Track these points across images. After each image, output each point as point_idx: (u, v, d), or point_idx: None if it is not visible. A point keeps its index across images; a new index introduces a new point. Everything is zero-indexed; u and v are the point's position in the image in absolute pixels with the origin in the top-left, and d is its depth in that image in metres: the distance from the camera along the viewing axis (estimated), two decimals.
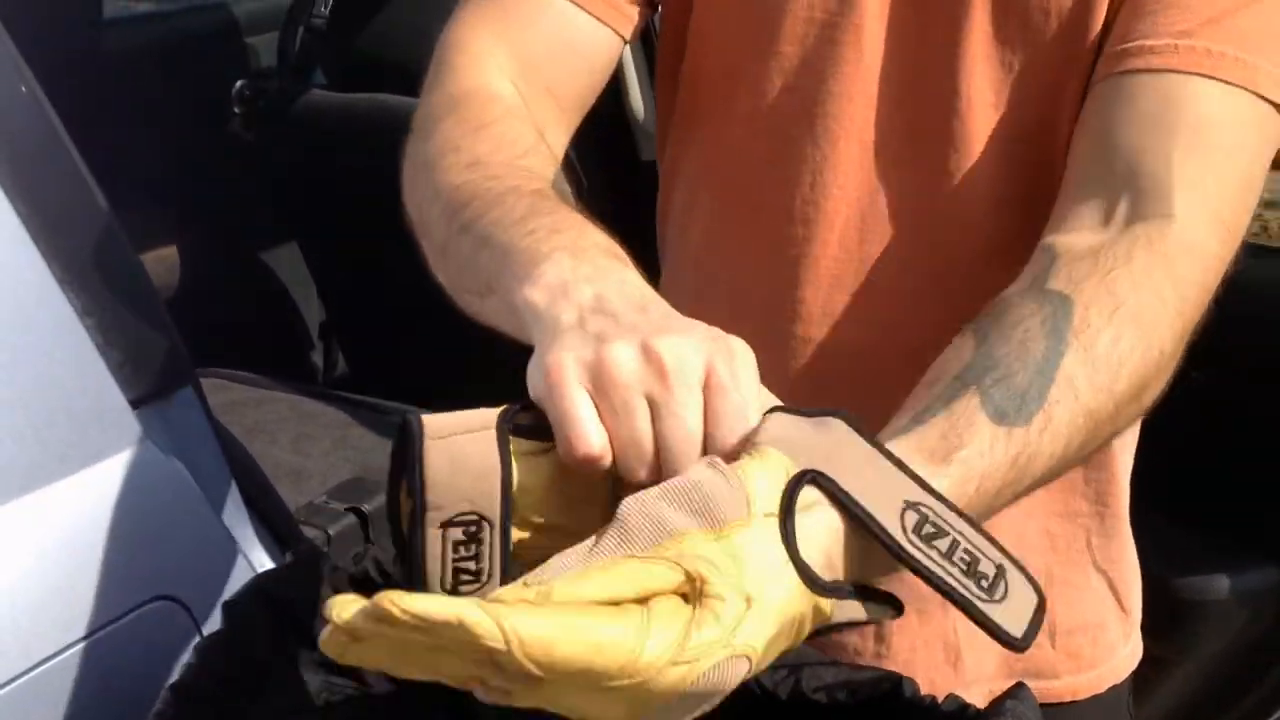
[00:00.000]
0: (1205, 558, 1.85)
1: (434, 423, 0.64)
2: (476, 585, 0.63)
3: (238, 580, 1.11)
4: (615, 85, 2.61)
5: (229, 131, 2.91)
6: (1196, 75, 0.83)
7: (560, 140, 0.97)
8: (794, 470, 0.61)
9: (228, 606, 0.95)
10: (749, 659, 0.58)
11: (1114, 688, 1.08)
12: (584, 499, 0.65)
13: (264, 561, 1.22)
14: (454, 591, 0.63)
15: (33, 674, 1.02)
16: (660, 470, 0.63)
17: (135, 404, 1.13)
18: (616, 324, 0.66)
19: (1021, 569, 0.64)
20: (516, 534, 0.64)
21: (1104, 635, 1.07)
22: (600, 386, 0.63)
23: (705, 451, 0.63)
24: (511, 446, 0.64)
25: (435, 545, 0.63)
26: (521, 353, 0.70)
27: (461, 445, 0.63)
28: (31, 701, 1.02)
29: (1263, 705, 1.97)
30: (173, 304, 1.26)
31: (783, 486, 0.60)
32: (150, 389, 1.15)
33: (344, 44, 2.64)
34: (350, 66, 2.63)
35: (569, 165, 0.94)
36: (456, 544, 0.63)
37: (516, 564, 0.64)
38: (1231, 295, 0.86)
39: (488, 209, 0.80)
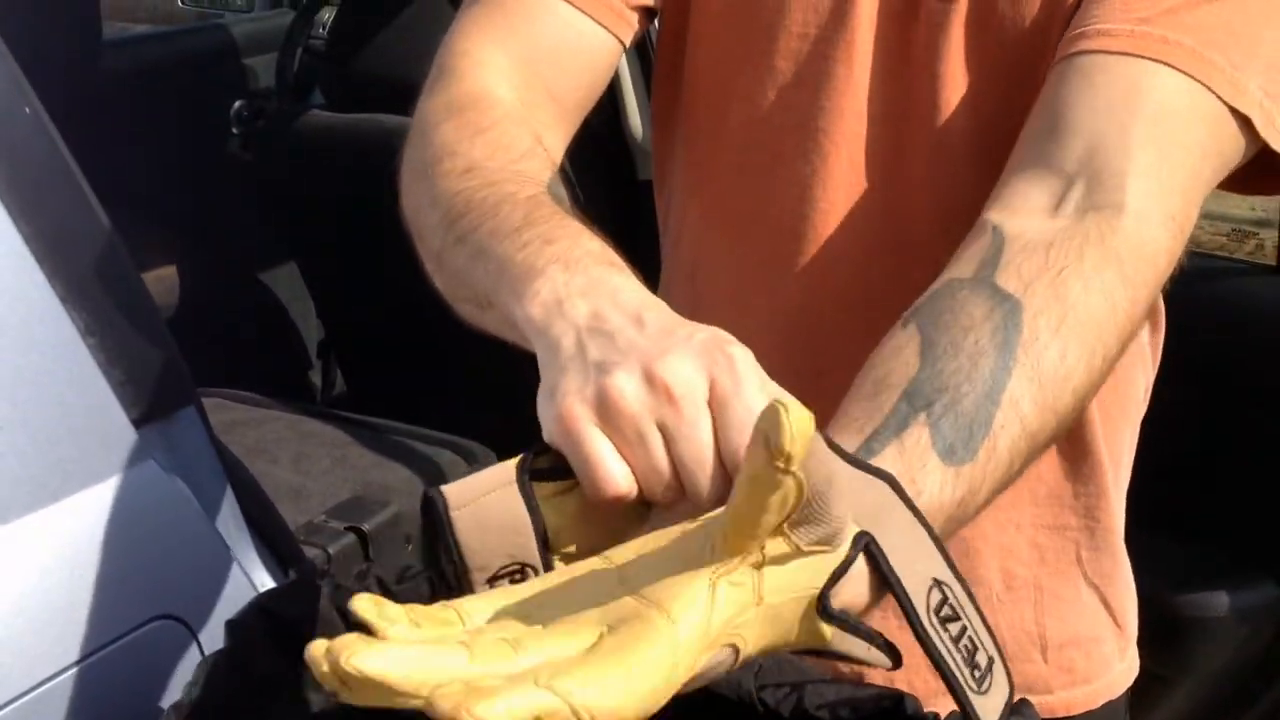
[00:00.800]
0: (1204, 575, 1.85)
1: (455, 492, 0.64)
2: None
3: (239, 599, 1.11)
4: (613, 105, 2.62)
5: (228, 152, 2.92)
6: (1155, 62, 0.82)
7: (559, 144, 0.98)
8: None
9: (231, 625, 0.96)
10: (736, 649, 0.58)
11: (1109, 703, 1.08)
12: (613, 517, 0.66)
13: (265, 580, 1.23)
14: None
15: (35, 693, 1.02)
16: (681, 489, 0.64)
17: (137, 423, 1.13)
18: (614, 346, 0.66)
19: (1005, 662, 0.65)
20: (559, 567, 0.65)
21: (1098, 649, 1.07)
22: (612, 421, 0.64)
23: (720, 461, 0.64)
24: (536, 492, 0.65)
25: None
26: (515, 371, 0.71)
27: (487, 507, 0.64)
28: None
29: None
30: (172, 324, 1.27)
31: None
32: (152, 408, 1.15)
33: (343, 65, 2.65)
34: (349, 87, 2.64)
35: (567, 183, 0.94)
36: None
37: None
38: (1229, 313, 0.86)
39: (483, 220, 0.81)
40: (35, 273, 1.07)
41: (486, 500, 0.64)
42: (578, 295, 0.70)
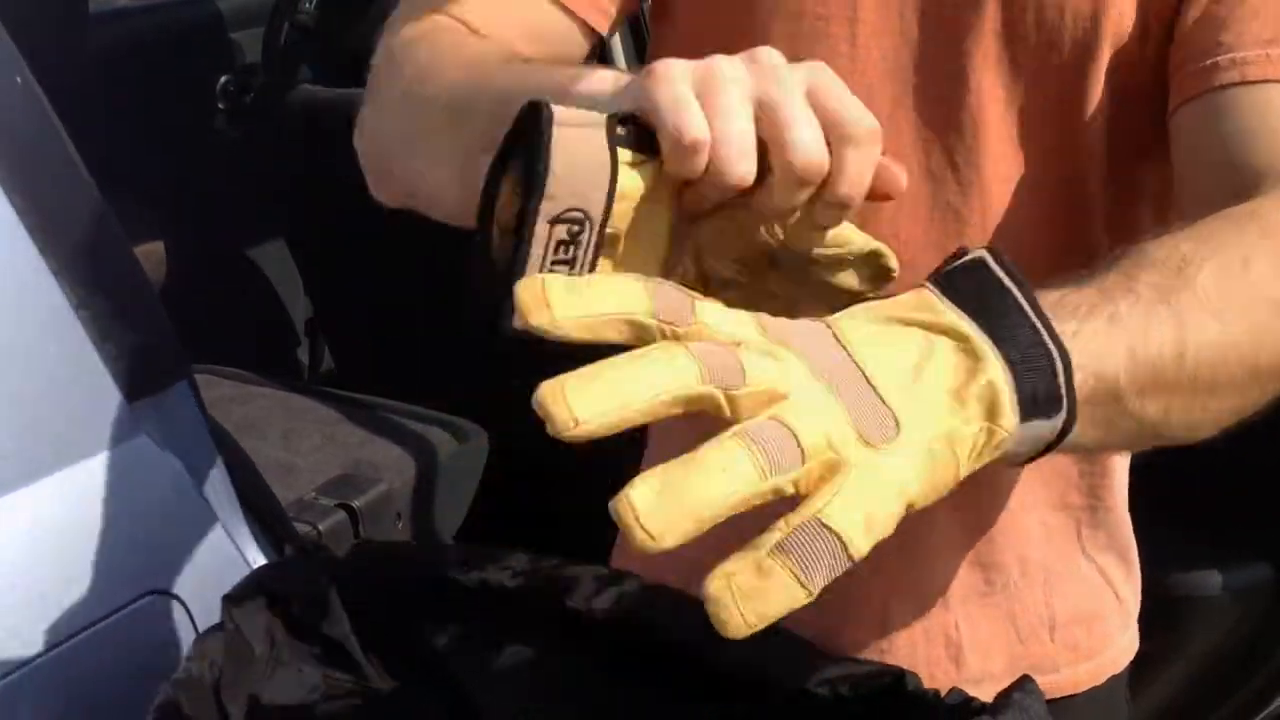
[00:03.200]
0: (1196, 555, 1.86)
1: (563, 111, 0.61)
2: None
3: (233, 575, 1.11)
4: None
5: (214, 127, 2.90)
6: None
7: None
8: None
9: (227, 600, 0.95)
10: None
11: (1113, 678, 1.08)
12: (664, 211, 0.65)
13: (258, 557, 1.22)
14: None
15: (29, 668, 1.01)
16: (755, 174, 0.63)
17: (130, 398, 1.13)
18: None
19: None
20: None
21: (1100, 625, 1.07)
22: (709, 86, 0.62)
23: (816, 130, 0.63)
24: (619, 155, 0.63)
25: (541, 241, 0.60)
26: (506, 348, 0.69)
27: (579, 139, 0.61)
28: (29, 696, 1.01)
29: (1254, 702, 1.98)
30: (159, 299, 1.26)
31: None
32: (145, 383, 1.15)
33: (330, 39, 2.63)
34: (337, 61, 2.62)
35: None
36: (559, 244, 0.61)
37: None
38: None
39: (506, 66, 0.81)
40: (28, 247, 1.06)
41: (580, 132, 0.61)
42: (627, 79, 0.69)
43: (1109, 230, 0.94)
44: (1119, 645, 1.09)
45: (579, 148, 0.61)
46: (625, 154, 0.62)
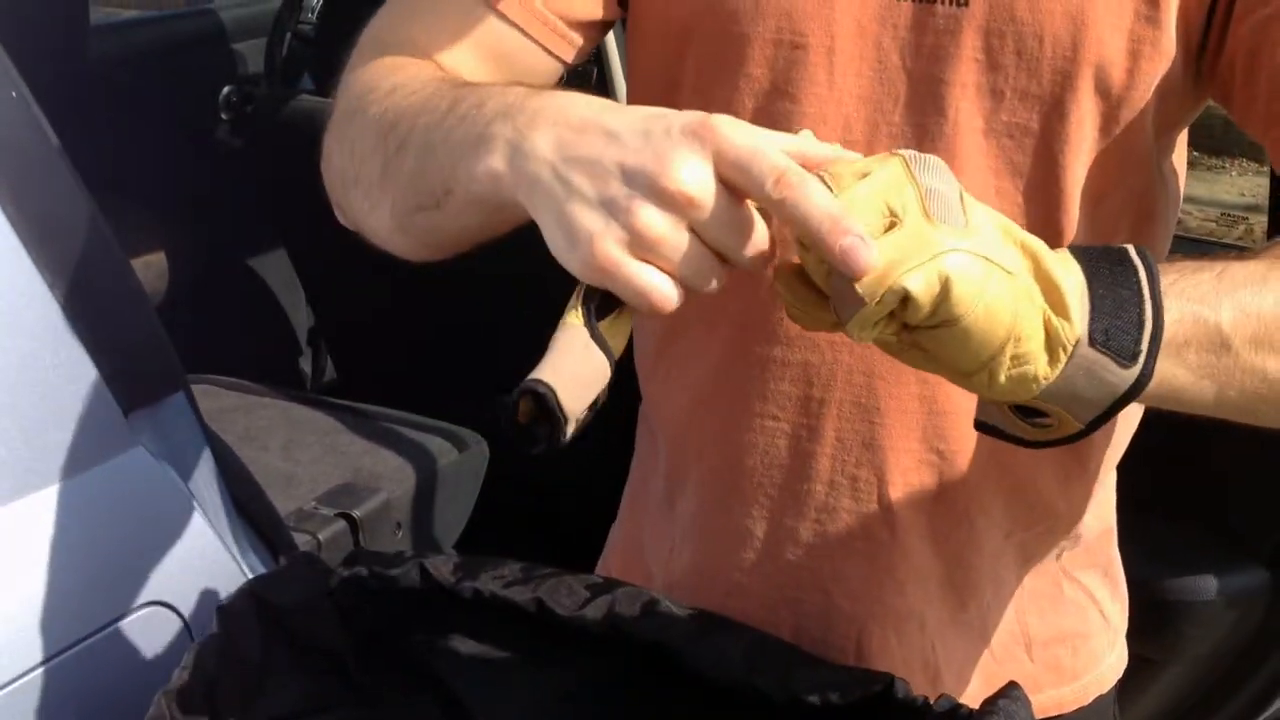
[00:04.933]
0: (1192, 559, 1.85)
1: (555, 382, 0.68)
2: None
3: (229, 585, 1.11)
4: (603, 90, 2.62)
5: (216, 138, 2.91)
6: None
7: None
8: None
9: (221, 610, 0.96)
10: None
11: (1099, 698, 1.08)
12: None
13: (255, 566, 1.22)
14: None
15: (26, 679, 1.02)
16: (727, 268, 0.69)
17: (127, 410, 1.13)
18: (600, 169, 0.68)
19: None
20: None
21: (1085, 645, 1.07)
22: (650, 251, 0.67)
23: (756, 221, 0.69)
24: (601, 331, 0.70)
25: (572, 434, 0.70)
26: (504, 356, 0.73)
27: (578, 370, 0.69)
28: (25, 707, 1.02)
29: (1249, 707, 1.97)
30: (161, 310, 1.26)
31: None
32: (142, 394, 1.15)
33: (332, 49, 2.63)
34: (338, 72, 2.63)
35: None
36: (582, 423, 0.71)
37: None
38: None
39: (416, 118, 0.82)
40: (23, 259, 1.07)
41: (576, 367, 0.68)
42: (530, 132, 0.71)
43: None
44: (1106, 664, 1.08)
45: (582, 374, 0.69)
46: (604, 323, 0.70)
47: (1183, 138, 0.98)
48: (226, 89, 2.91)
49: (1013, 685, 0.81)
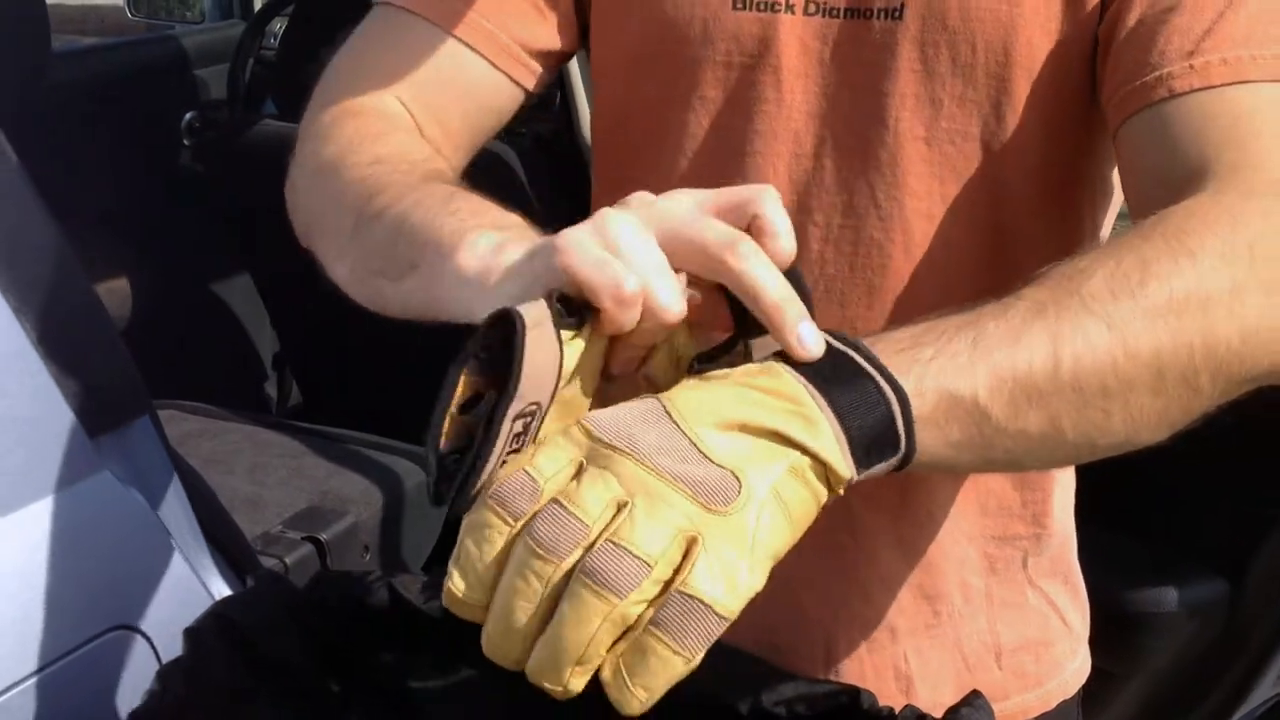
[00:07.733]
0: (1152, 571, 1.87)
1: (527, 311, 0.64)
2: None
3: (196, 608, 1.11)
4: (566, 112, 2.63)
5: (180, 163, 2.91)
6: (1220, 87, 0.83)
7: (456, 165, 0.98)
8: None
9: (189, 633, 0.96)
10: None
11: (1063, 703, 1.09)
12: (594, 374, 0.68)
13: (222, 589, 1.22)
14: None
15: None
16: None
17: (92, 433, 1.13)
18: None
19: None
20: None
21: (1048, 652, 1.08)
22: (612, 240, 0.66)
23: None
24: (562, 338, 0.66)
25: (504, 437, 0.63)
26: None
27: (539, 337, 0.64)
28: None
29: (1211, 718, 1.99)
30: (125, 336, 1.26)
31: None
32: (107, 418, 1.15)
33: (294, 74, 2.64)
34: (302, 97, 2.63)
35: (521, 191, 0.95)
36: (515, 435, 0.64)
37: None
38: None
39: (404, 194, 0.83)
40: None
41: (537, 332, 0.64)
42: (512, 245, 0.72)
43: (1044, 256, 0.96)
44: (1069, 670, 1.10)
45: (538, 346, 0.64)
46: (566, 333, 0.66)
47: None
48: (189, 115, 2.91)
49: (975, 694, 0.82)
